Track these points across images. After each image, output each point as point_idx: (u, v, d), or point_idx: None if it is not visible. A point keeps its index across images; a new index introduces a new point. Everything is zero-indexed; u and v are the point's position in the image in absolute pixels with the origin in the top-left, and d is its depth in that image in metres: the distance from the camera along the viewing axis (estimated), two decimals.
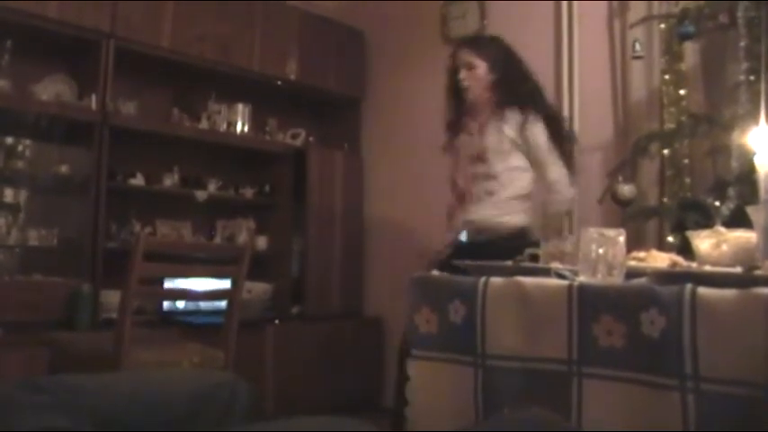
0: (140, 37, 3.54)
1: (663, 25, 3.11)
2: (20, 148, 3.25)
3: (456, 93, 2.88)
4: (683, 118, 2.89)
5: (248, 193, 4.21)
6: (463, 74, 2.80)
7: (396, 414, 1.70)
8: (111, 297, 3.03)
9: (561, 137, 2.77)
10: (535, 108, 2.73)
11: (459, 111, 2.89)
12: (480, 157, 2.74)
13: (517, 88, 2.76)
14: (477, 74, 2.79)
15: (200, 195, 3.93)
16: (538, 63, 3.70)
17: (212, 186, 4.03)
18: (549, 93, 3.65)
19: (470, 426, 1.47)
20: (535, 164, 2.73)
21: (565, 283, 1.42)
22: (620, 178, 3.04)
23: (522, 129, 2.70)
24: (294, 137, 4.46)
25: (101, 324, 3.13)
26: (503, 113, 2.73)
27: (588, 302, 1.36)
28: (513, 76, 2.79)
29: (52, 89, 3.41)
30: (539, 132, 2.71)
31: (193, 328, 3.42)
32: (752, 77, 2.42)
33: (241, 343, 2.71)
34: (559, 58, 3.66)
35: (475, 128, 2.81)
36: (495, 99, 2.76)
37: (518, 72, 2.80)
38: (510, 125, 2.72)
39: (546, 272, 1.53)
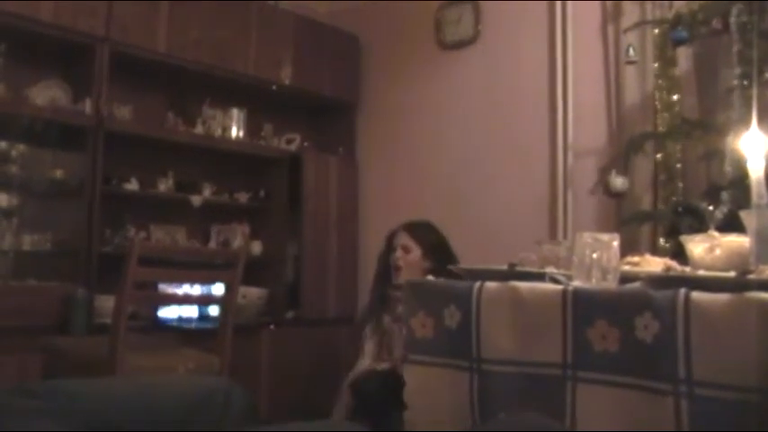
0: (135, 41, 3.54)
1: (656, 30, 3.13)
2: (14, 152, 3.24)
3: (386, 273, 2.95)
4: (677, 123, 2.91)
5: (243, 197, 4.20)
6: (399, 254, 2.89)
7: None
8: (106, 302, 3.02)
9: None
10: None
11: (386, 293, 2.94)
12: None
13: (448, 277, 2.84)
14: (412, 258, 2.88)
15: (195, 200, 3.93)
16: (532, 67, 3.75)
17: (207, 191, 4.02)
18: (543, 97, 3.68)
19: (467, 430, 1.47)
20: None
21: (559, 287, 1.42)
22: (614, 172, 3.06)
23: None
24: (289, 142, 4.46)
25: (95, 329, 3.11)
26: None
27: (582, 307, 1.37)
28: (446, 265, 2.84)
29: (46, 93, 3.41)
30: None
31: (188, 333, 3.42)
32: (745, 82, 2.44)
33: (236, 348, 2.70)
34: (553, 63, 3.67)
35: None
36: None
37: (450, 260, 2.85)
38: None
39: (540, 276, 1.54)
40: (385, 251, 2.99)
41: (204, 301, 3.70)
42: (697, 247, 1.55)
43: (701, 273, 1.46)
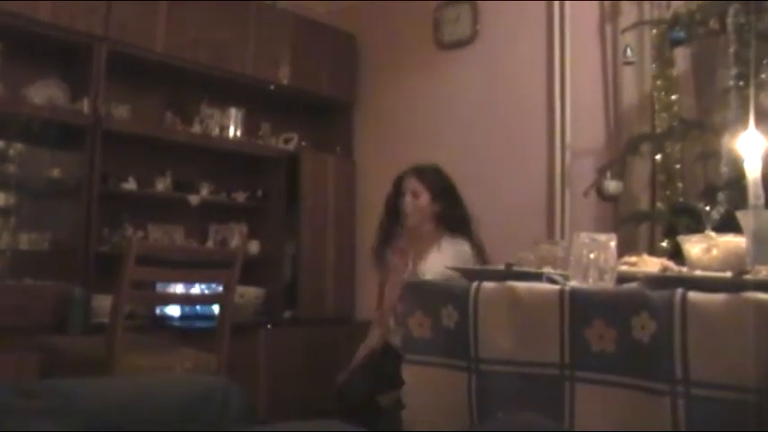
0: (133, 40, 3.54)
1: (654, 31, 3.13)
2: (11, 151, 3.24)
3: (393, 215, 2.98)
4: (675, 123, 2.91)
5: (241, 197, 4.20)
6: (408, 198, 2.90)
7: None
8: (103, 301, 3.01)
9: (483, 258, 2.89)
10: (467, 238, 2.87)
11: (391, 232, 2.98)
12: None
13: (455, 221, 2.89)
14: (421, 203, 2.89)
15: (193, 200, 3.93)
16: (530, 67, 3.75)
17: (205, 191, 4.02)
18: (541, 97, 3.68)
19: (465, 429, 1.48)
20: None
21: (556, 287, 1.42)
22: (608, 175, 3.07)
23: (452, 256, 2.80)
24: (287, 141, 4.46)
25: (93, 328, 3.11)
26: (440, 245, 2.84)
27: (580, 307, 1.37)
28: (453, 209, 2.90)
29: (44, 92, 3.40)
30: (454, 254, 2.80)
31: (186, 332, 3.42)
32: (741, 83, 2.44)
33: (233, 347, 2.70)
34: (551, 63, 3.67)
35: (410, 255, 2.89)
36: (434, 230, 2.88)
37: (457, 204, 2.92)
38: (444, 255, 2.79)
39: (538, 276, 1.54)
40: (393, 195, 3.01)
41: (202, 300, 3.69)
42: (694, 247, 1.55)
43: (698, 273, 1.46)
